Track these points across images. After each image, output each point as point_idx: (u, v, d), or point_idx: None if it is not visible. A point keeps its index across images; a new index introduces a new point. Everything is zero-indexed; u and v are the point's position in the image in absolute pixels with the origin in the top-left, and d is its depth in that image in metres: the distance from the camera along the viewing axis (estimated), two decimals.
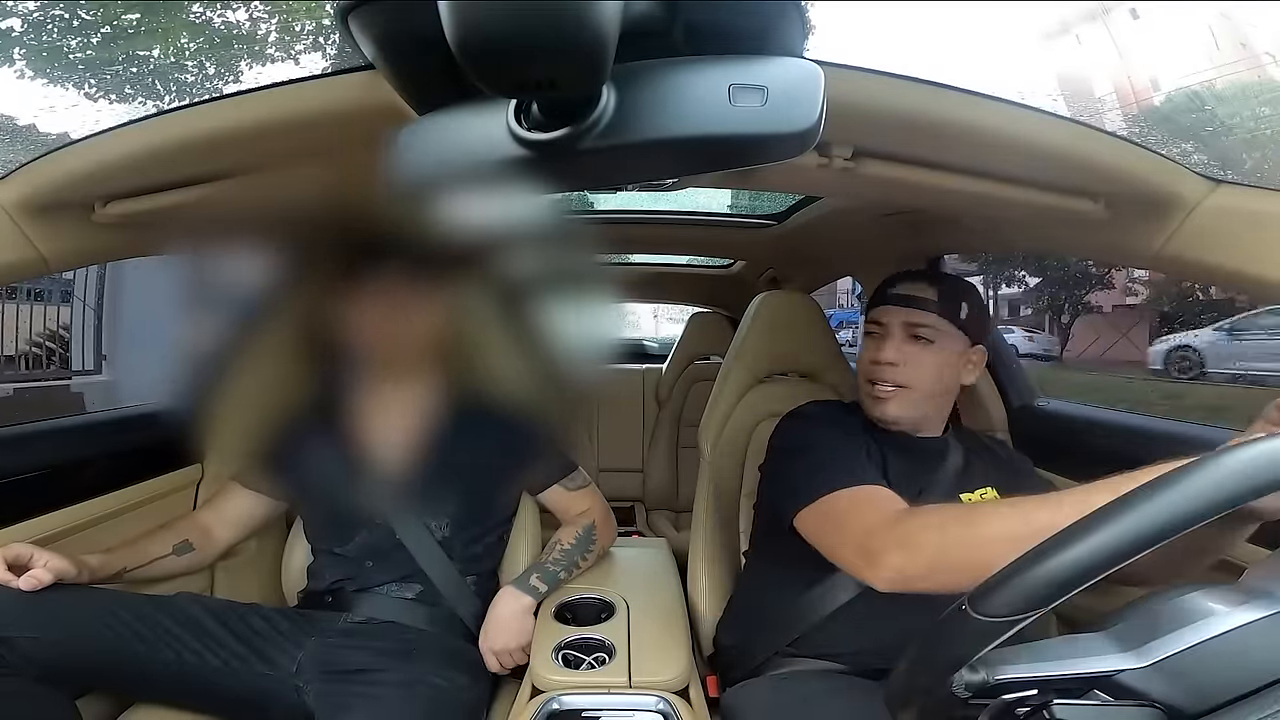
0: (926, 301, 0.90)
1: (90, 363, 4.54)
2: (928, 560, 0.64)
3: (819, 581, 0.86)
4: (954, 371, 0.92)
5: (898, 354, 0.90)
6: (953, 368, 0.92)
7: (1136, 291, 15.31)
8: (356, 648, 0.90)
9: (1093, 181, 0.73)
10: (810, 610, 0.86)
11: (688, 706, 0.81)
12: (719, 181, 1.06)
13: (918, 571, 0.65)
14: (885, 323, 0.92)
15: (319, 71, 2.66)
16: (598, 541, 1.08)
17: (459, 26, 0.29)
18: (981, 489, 0.90)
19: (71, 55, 4.90)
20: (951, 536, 0.63)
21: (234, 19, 5.51)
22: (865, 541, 0.70)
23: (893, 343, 0.90)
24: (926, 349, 0.90)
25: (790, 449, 0.92)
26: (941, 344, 0.90)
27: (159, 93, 5.25)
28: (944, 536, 0.64)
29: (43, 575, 0.77)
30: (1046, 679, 0.42)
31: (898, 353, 0.90)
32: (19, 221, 0.75)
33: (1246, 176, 1.14)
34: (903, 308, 0.91)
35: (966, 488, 0.90)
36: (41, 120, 4.75)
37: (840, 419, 0.95)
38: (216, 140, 0.65)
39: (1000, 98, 0.62)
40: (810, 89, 0.36)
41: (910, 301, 0.91)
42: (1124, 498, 0.40)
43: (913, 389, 0.90)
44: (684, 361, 2.30)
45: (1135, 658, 0.41)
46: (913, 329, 0.90)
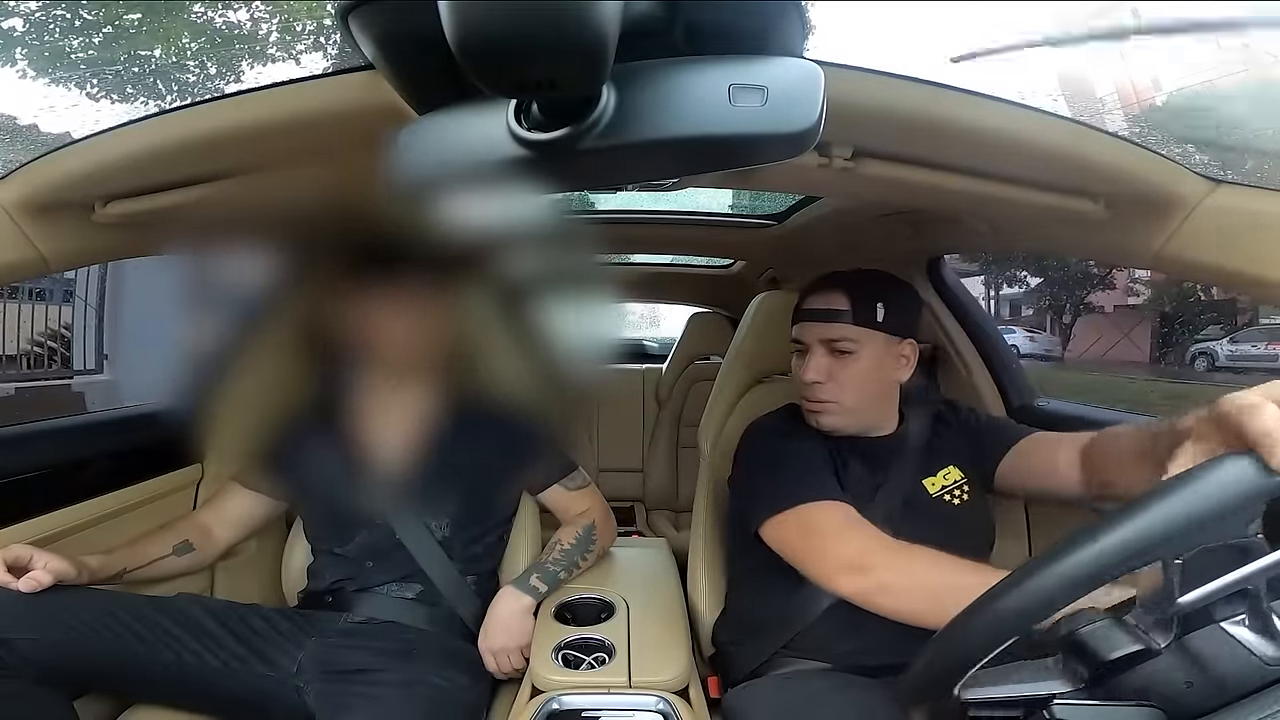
0: (839, 313, 0.90)
1: (91, 362, 4.55)
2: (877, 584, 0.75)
3: (804, 584, 0.86)
4: (884, 373, 0.92)
5: (820, 372, 0.90)
6: (881, 370, 0.92)
7: (1138, 292, 15.29)
8: (357, 648, 0.90)
9: (1093, 181, 0.73)
10: (800, 611, 0.87)
11: (688, 707, 0.81)
12: (719, 181, 1.06)
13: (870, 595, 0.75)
14: (805, 340, 0.93)
15: (319, 71, 2.66)
16: (598, 542, 1.08)
17: (459, 26, 0.29)
18: (944, 469, 0.94)
19: (73, 55, 4.91)
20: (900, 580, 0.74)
21: (235, 19, 5.51)
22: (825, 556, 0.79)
23: (814, 360, 0.90)
24: (849, 361, 0.90)
25: (756, 462, 0.95)
26: (862, 352, 0.90)
27: (160, 93, 5.25)
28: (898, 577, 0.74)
29: (42, 577, 0.77)
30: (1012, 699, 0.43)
31: (819, 370, 0.90)
32: (19, 221, 0.75)
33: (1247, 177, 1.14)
34: (818, 323, 0.91)
35: (929, 472, 0.93)
36: (42, 120, 4.76)
37: (798, 429, 0.96)
38: (217, 140, 0.65)
39: (1000, 98, 0.62)
40: (810, 89, 0.36)
41: (823, 316, 0.91)
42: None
43: (842, 401, 0.91)
44: (684, 361, 2.30)
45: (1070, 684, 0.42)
46: (831, 344, 0.90)
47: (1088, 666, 0.41)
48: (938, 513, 0.90)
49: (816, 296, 0.93)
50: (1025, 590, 0.40)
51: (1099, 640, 0.41)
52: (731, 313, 2.33)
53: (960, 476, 0.94)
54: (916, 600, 0.71)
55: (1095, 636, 0.41)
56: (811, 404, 0.92)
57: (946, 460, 0.95)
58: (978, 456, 0.95)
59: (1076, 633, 0.42)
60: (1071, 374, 11.81)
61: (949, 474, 0.94)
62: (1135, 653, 0.40)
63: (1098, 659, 0.40)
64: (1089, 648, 0.41)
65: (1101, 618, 0.42)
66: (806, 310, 0.93)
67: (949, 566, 0.72)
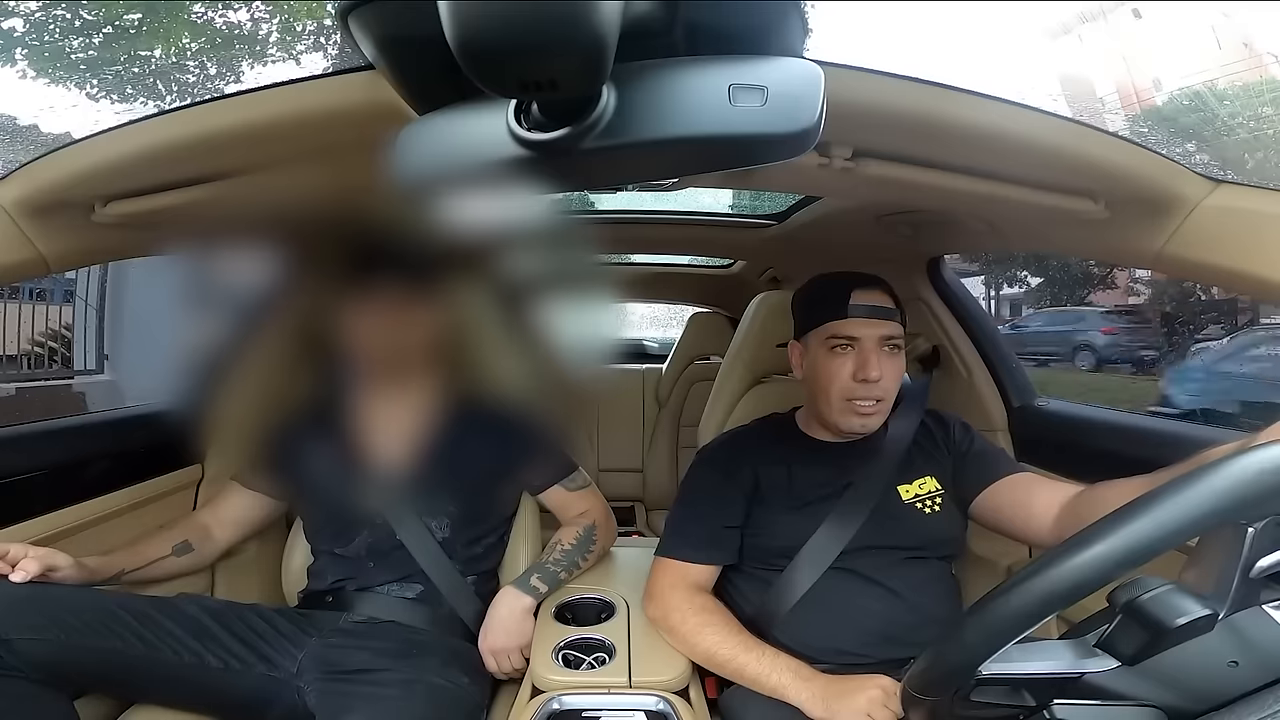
0: (892, 311, 0.91)
1: (92, 362, 4.55)
2: (670, 637, 0.89)
3: (771, 583, 0.91)
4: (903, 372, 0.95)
5: (880, 369, 0.89)
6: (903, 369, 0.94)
7: (1139, 292, 15.27)
8: (357, 648, 0.90)
9: (1093, 181, 0.73)
10: (775, 605, 0.90)
11: (687, 706, 0.81)
12: (719, 181, 1.06)
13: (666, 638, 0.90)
14: (858, 336, 0.90)
15: (319, 71, 2.67)
16: (598, 542, 1.08)
17: (459, 26, 0.29)
18: (920, 479, 0.94)
19: (73, 55, 4.90)
20: (684, 643, 0.87)
21: (235, 19, 5.51)
22: (650, 600, 0.93)
23: (874, 359, 0.89)
24: (897, 356, 0.91)
25: (679, 495, 1.00)
26: (901, 351, 0.92)
27: (160, 93, 5.25)
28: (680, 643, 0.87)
29: (30, 565, 0.77)
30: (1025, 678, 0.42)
31: (880, 368, 0.89)
32: (19, 221, 0.75)
33: (1248, 177, 1.14)
34: (876, 320, 0.90)
35: (905, 479, 0.93)
36: (42, 120, 4.76)
37: (737, 455, 0.97)
38: (216, 140, 0.65)
39: (1001, 97, 0.62)
40: (810, 89, 0.36)
41: (880, 313, 0.90)
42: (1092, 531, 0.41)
43: (889, 398, 0.92)
44: (684, 361, 2.30)
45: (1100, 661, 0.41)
46: (887, 341, 0.90)
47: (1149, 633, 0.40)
48: (907, 518, 0.91)
49: (865, 293, 0.91)
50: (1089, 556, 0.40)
51: (1161, 607, 0.40)
52: (731, 313, 2.33)
53: (936, 488, 0.94)
54: (696, 659, 0.86)
55: (1158, 603, 0.40)
56: (865, 405, 0.90)
57: (926, 470, 0.95)
58: (960, 481, 0.95)
59: (1137, 599, 0.41)
60: (1072, 374, 11.79)
61: (925, 483, 0.94)
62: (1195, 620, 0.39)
63: (1161, 625, 0.39)
64: (1151, 614, 0.40)
65: (1164, 584, 0.41)
66: (861, 306, 0.90)
67: (734, 645, 0.84)
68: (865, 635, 0.86)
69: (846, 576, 0.88)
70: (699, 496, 0.97)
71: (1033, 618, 0.41)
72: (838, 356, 0.91)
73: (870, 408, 0.90)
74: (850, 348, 0.90)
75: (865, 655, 0.84)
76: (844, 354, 0.90)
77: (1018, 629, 0.42)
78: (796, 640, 0.87)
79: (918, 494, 0.93)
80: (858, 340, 0.90)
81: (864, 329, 0.90)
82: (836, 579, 0.88)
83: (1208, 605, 0.39)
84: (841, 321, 0.90)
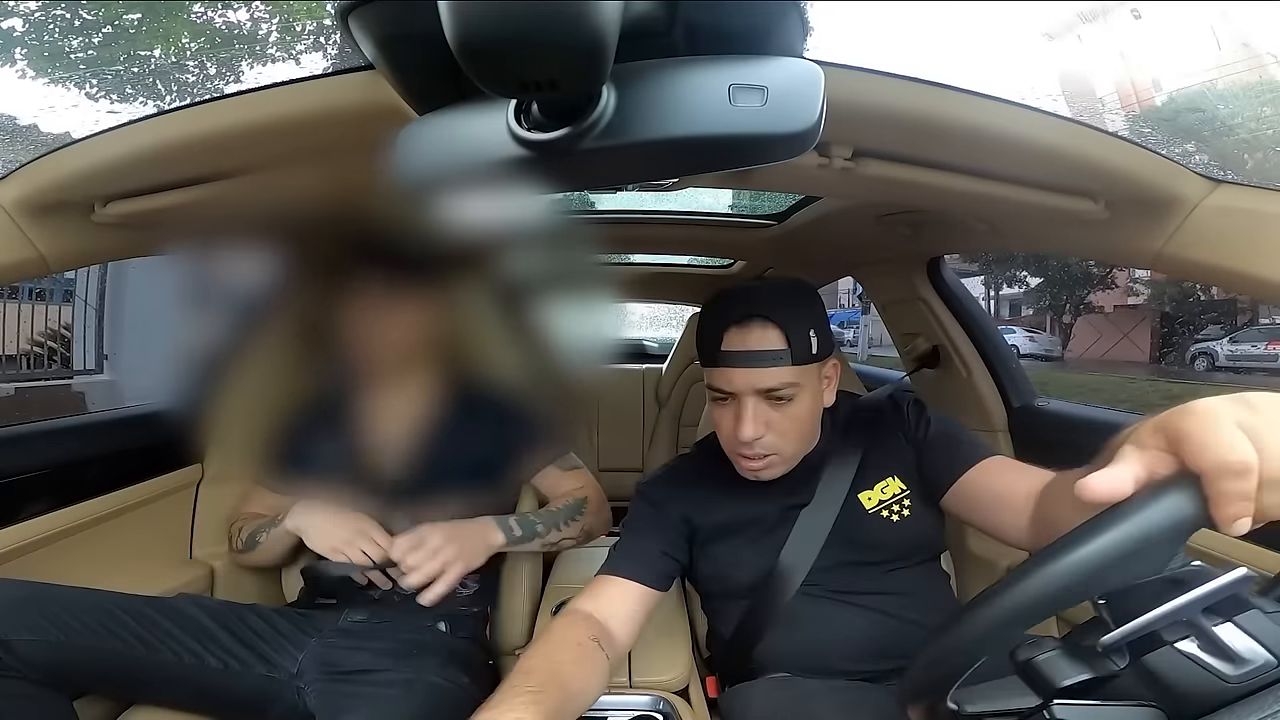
0: (777, 355, 0.75)
1: (91, 362, 4.55)
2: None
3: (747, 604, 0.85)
4: (818, 405, 0.82)
5: (759, 425, 0.77)
6: (816, 404, 0.81)
7: (1138, 292, 15.31)
8: (357, 648, 0.90)
9: (1093, 181, 0.73)
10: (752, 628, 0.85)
11: (688, 706, 0.81)
12: (719, 181, 1.06)
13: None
14: (731, 391, 0.77)
15: (319, 71, 2.66)
16: (587, 516, 1.06)
17: (459, 26, 0.29)
18: (882, 481, 0.85)
19: (73, 55, 4.91)
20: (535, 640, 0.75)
21: (235, 19, 5.52)
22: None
23: (750, 414, 0.76)
24: (788, 406, 0.77)
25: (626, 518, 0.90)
26: (802, 394, 0.77)
27: (160, 93, 5.26)
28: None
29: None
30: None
31: (758, 425, 0.76)
32: (19, 221, 0.75)
33: (1248, 177, 1.14)
34: (751, 369, 0.76)
35: (865, 485, 0.84)
36: (42, 120, 4.76)
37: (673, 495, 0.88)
38: (216, 140, 0.65)
39: (1001, 98, 0.62)
40: (810, 89, 0.36)
41: (755, 360, 0.75)
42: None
43: (784, 451, 0.80)
44: (684, 361, 2.30)
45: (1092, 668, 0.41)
46: (767, 394, 0.76)
47: (1041, 694, 0.40)
48: (875, 529, 0.83)
49: (742, 333, 0.76)
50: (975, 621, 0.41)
51: (1051, 668, 0.40)
52: None
53: (901, 489, 0.84)
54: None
55: (1048, 664, 0.40)
56: (750, 462, 0.80)
57: (885, 471, 0.85)
58: (925, 474, 0.84)
59: (1033, 660, 0.41)
60: (1072, 374, 11.81)
61: (888, 486, 0.84)
62: (1090, 680, 0.39)
63: (1050, 687, 0.40)
64: (1041, 674, 0.40)
65: (1056, 645, 0.41)
66: (734, 354, 0.76)
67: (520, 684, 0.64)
68: (853, 650, 0.81)
69: (822, 595, 0.82)
70: (634, 525, 0.88)
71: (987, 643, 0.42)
72: (719, 406, 0.80)
73: (756, 465, 0.80)
74: (728, 399, 0.79)
75: (859, 669, 0.81)
76: (724, 404, 0.79)
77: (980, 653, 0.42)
78: (780, 661, 0.84)
79: (881, 500, 0.84)
80: (732, 395, 0.78)
81: (738, 380, 0.76)
82: (810, 600, 0.82)
83: (1094, 668, 0.39)
84: (712, 370, 0.79)
